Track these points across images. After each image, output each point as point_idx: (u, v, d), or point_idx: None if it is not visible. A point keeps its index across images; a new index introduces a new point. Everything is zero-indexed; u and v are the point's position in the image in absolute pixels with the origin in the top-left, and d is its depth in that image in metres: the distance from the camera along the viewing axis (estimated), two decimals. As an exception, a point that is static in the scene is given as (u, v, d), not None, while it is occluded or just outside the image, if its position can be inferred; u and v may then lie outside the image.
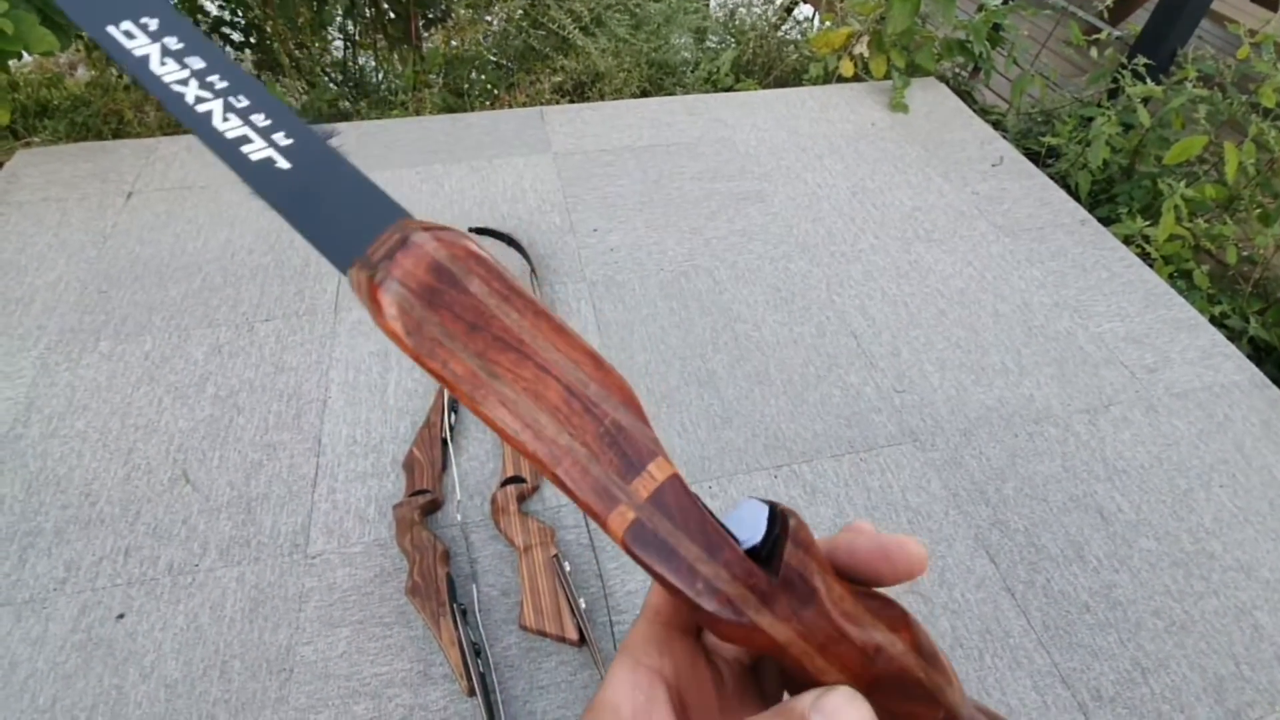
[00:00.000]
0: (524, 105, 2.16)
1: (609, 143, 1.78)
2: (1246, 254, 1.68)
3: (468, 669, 0.82)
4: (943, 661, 0.20)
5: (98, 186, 1.55)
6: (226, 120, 0.19)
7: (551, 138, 1.79)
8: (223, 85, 0.19)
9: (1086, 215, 1.66)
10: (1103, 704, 0.89)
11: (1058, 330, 1.37)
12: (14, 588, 0.92)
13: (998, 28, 2.01)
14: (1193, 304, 1.48)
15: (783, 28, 2.69)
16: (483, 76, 2.41)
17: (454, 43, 2.49)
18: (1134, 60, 1.93)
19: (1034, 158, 1.96)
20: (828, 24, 2.20)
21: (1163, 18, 1.99)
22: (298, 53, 2.42)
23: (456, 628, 0.86)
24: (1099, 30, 2.16)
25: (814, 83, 2.15)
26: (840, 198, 1.66)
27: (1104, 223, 1.68)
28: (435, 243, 0.17)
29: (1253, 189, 1.68)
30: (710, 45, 2.54)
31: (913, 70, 2.04)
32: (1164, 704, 0.89)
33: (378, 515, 1.01)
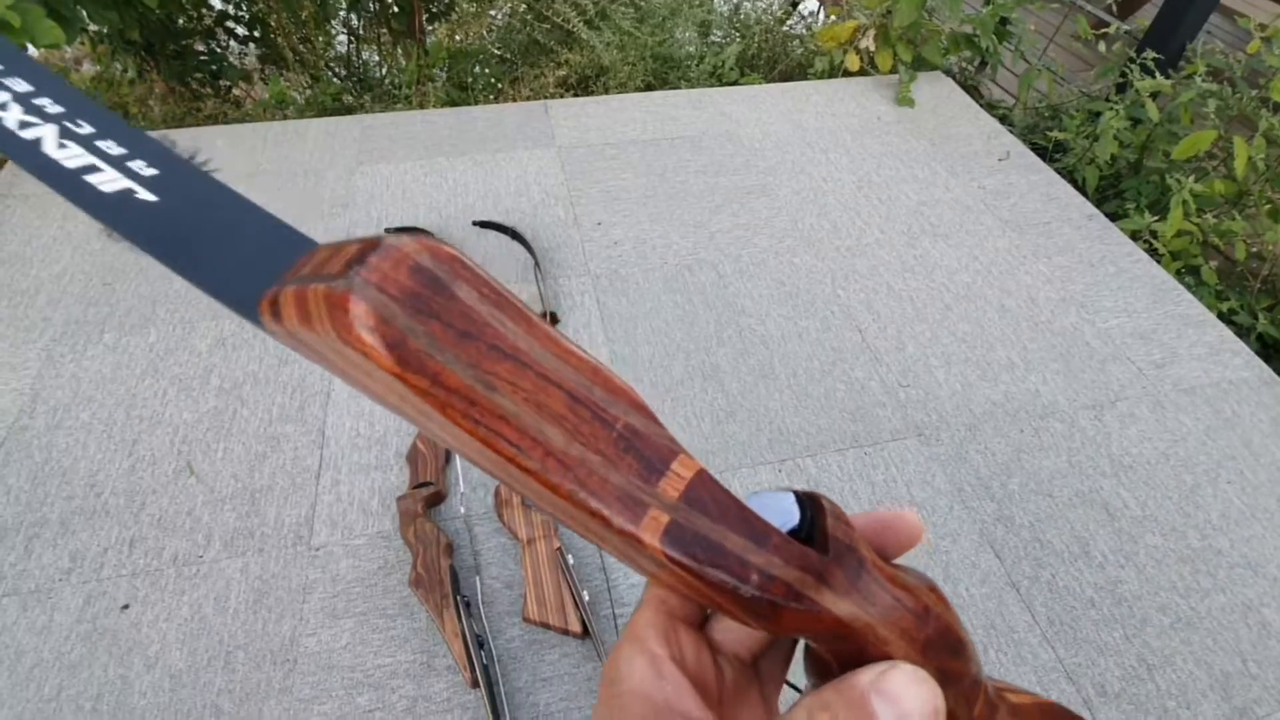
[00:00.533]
0: (528, 99, 2.15)
1: (613, 136, 1.78)
2: (1255, 250, 1.66)
3: (471, 661, 0.82)
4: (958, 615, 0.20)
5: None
6: (64, 148, 0.17)
7: (556, 131, 1.79)
8: (56, 110, 0.17)
9: (1094, 210, 1.64)
10: (1108, 700, 0.89)
11: (1064, 325, 1.36)
12: (20, 578, 0.92)
13: (1005, 22, 2.00)
14: (1201, 300, 1.47)
15: (788, 22, 2.68)
16: (487, 70, 2.41)
17: (458, 37, 2.49)
18: (1142, 54, 1.92)
19: (1041, 153, 1.95)
20: (833, 18, 2.18)
21: (1172, 11, 1.98)
22: (301, 47, 2.42)
23: (460, 620, 0.86)
24: (1107, 24, 2.14)
25: (819, 77, 2.14)
26: (845, 192, 1.65)
27: (1111, 218, 1.67)
28: (414, 244, 0.15)
29: (1262, 184, 1.66)
30: (715, 39, 2.53)
31: (919, 64, 2.03)
32: (1170, 700, 0.89)
33: (381, 507, 1.01)
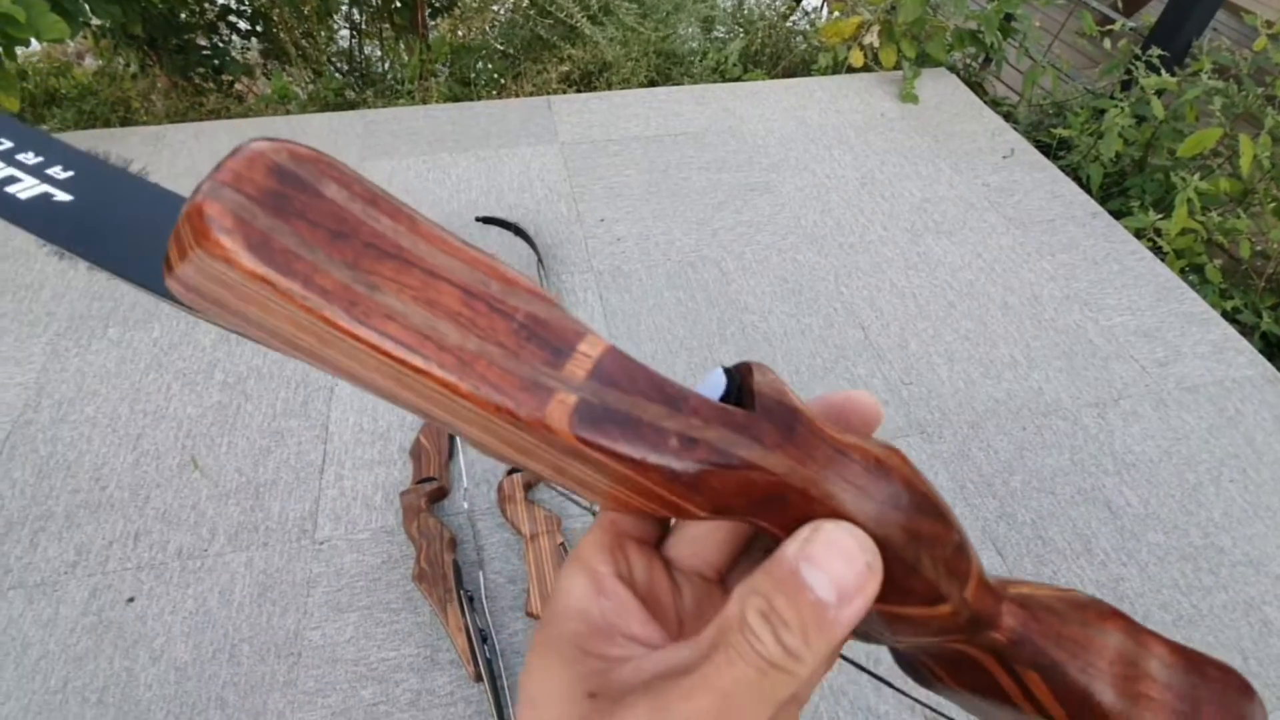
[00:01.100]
0: (531, 95, 2.15)
1: (616, 132, 1.77)
2: (1260, 248, 1.66)
3: (474, 655, 0.83)
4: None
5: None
6: None
7: (559, 127, 1.78)
8: None
9: (1098, 208, 1.64)
10: (1109, 697, 0.89)
11: (1068, 323, 1.36)
12: (25, 570, 0.93)
13: (1010, 18, 1.99)
14: (1205, 298, 1.47)
15: (791, 18, 2.67)
16: (489, 66, 2.41)
17: (460, 32, 2.48)
18: (1148, 52, 1.91)
19: (1045, 150, 1.95)
20: (836, 14, 2.18)
21: (1178, 9, 1.97)
22: (304, 42, 2.41)
23: (463, 614, 0.86)
24: (1112, 21, 2.13)
25: (823, 73, 2.13)
26: (849, 189, 1.65)
27: (1116, 216, 1.67)
28: (270, 144, 0.14)
29: (1267, 183, 1.66)
30: (718, 35, 2.52)
31: (923, 60, 2.02)
32: (1171, 697, 0.89)
33: (385, 502, 1.01)
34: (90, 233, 0.16)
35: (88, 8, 1.64)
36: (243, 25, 2.46)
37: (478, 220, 1.49)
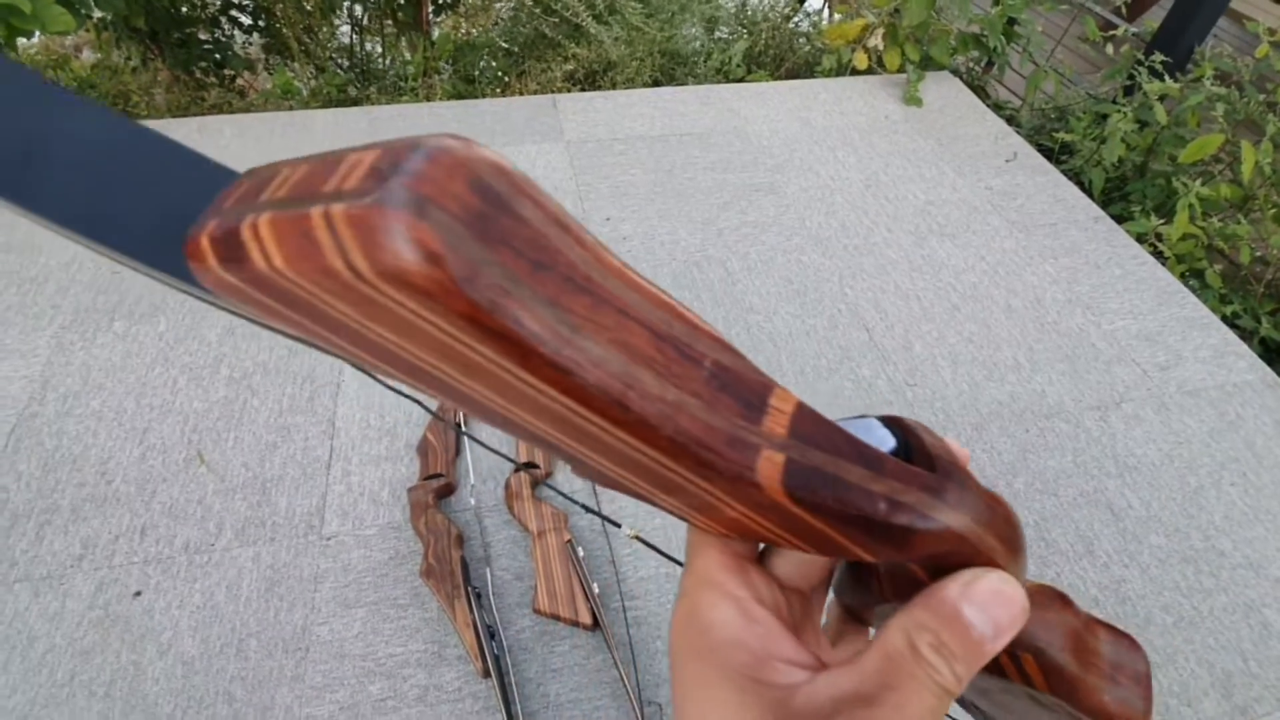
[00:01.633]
0: (535, 93, 2.15)
1: (621, 131, 1.78)
2: (1260, 254, 1.67)
3: (482, 651, 0.83)
4: None
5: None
6: None
7: (564, 126, 1.78)
8: None
9: (1100, 212, 1.65)
10: (1111, 697, 0.90)
11: (1070, 326, 1.37)
12: (32, 564, 0.93)
13: (1013, 22, 2.00)
14: (1205, 303, 1.48)
15: (794, 19, 2.68)
16: (493, 64, 2.40)
17: (464, 29, 2.48)
18: (1150, 57, 1.92)
19: (1047, 154, 1.96)
20: (839, 16, 2.18)
21: (1180, 14, 1.98)
22: (306, 37, 2.41)
23: (471, 610, 0.86)
24: (1115, 26, 2.14)
25: (827, 75, 2.14)
26: (853, 190, 1.65)
27: (1117, 220, 1.68)
28: (466, 148, 0.12)
29: (1268, 189, 1.67)
30: (721, 36, 2.53)
31: (927, 64, 2.03)
32: (1171, 698, 0.90)
33: (392, 498, 1.01)
34: (74, 200, 0.14)
35: (91, 1, 1.64)
36: (245, 20, 2.46)
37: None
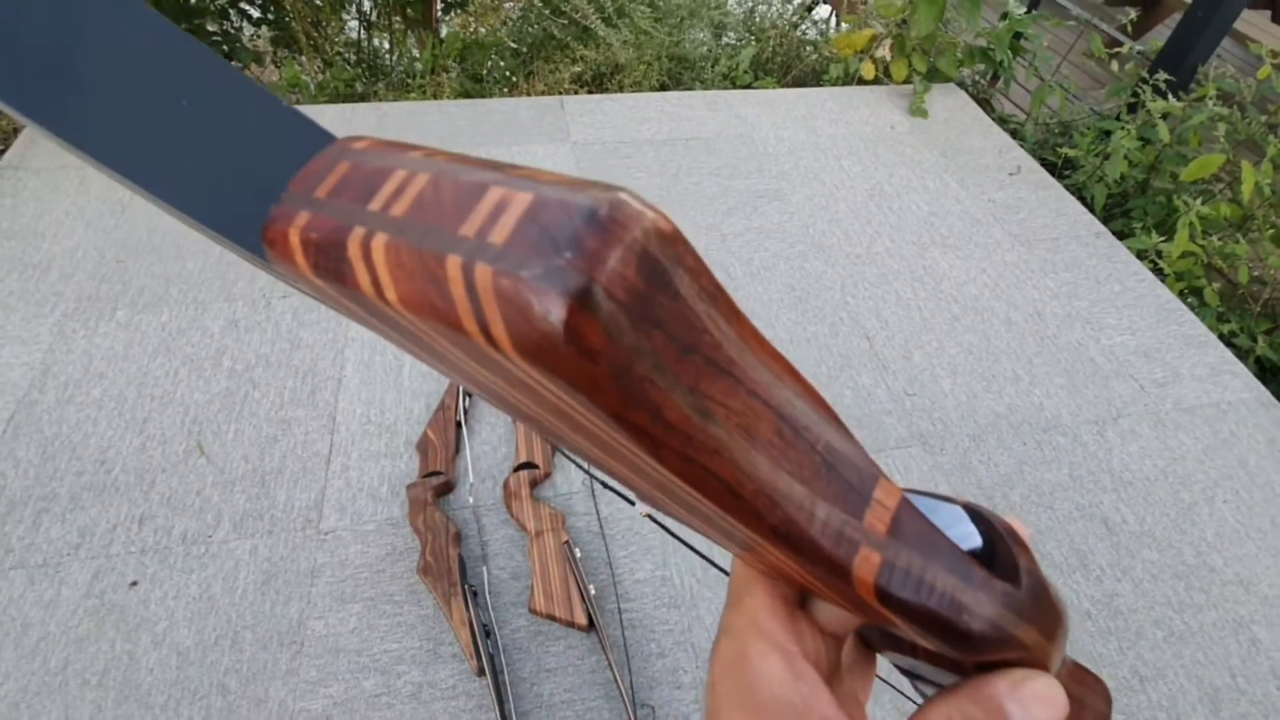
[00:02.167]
0: (542, 94, 2.16)
1: (628, 135, 1.78)
2: (1257, 274, 1.68)
3: (477, 649, 0.83)
4: None
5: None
6: None
7: (571, 127, 1.79)
8: None
9: (1101, 228, 1.66)
10: (1101, 710, 0.90)
11: (1069, 341, 1.37)
12: (28, 551, 0.93)
13: (1020, 37, 2.01)
14: (1203, 321, 1.49)
15: (801, 26, 2.69)
16: (501, 63, 2.41)
17: (473, 28, 2.49)
18: (1154, 76, 1.93)
19: (1051, 168, 1.97)
20: (846, 25, 2.19)
21: (1185, 34, 1.99)
22: (315, 32, 2.41)
23: (467, 608, 0.86)
24: (1120, 44, 2.16)
25: (834, 83, 2.15)
26: (857, 199, 1.66)
27: (1118, 236, 1.69)
28: (638, 213, 0.11)
29: (1267, 210, 1.68)
30: (729, 41, 2.54)
31: (933, 75, 2.04)
32: (1160, 713, 0.91)
33: (390, 494, 1.02)
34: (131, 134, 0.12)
35: (102, -11, 1.64)
36: (254, 12, 2.46)
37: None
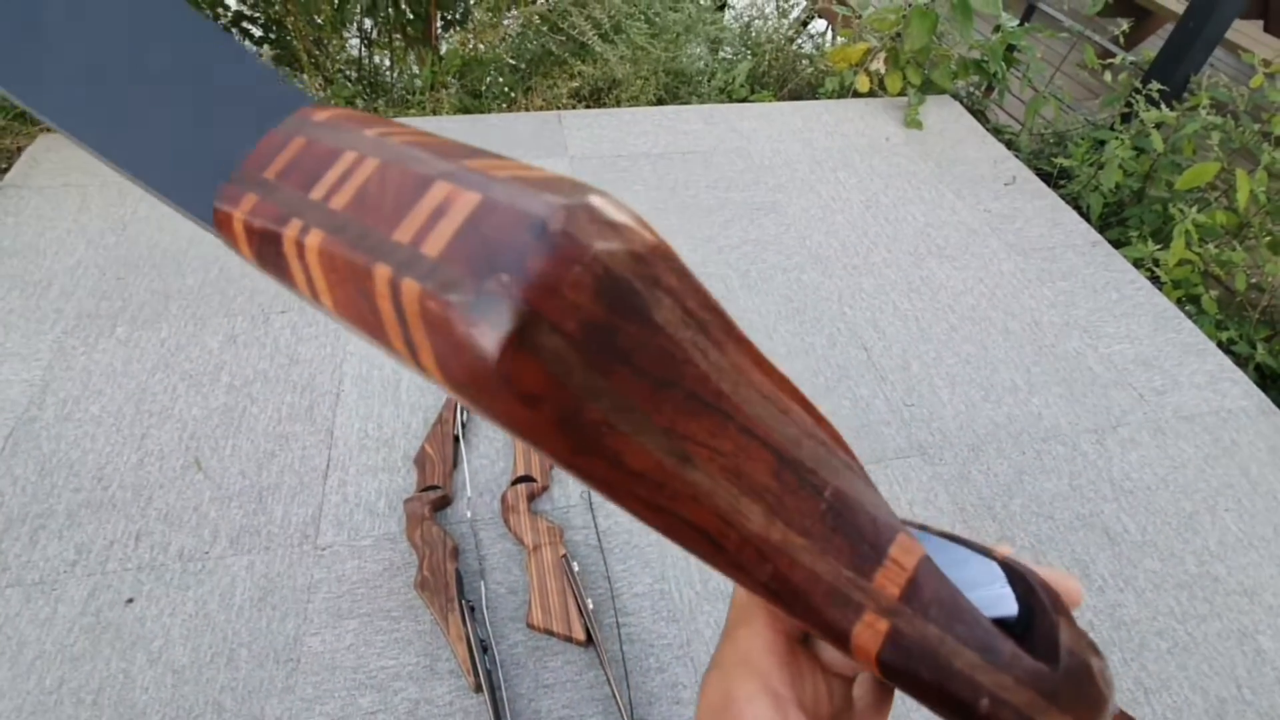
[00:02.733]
0: (540, 109, 2.18)
1: (625, 149, 1.80)
2: (1255, 281, 1.68)
3: (475, 665, 0.83)
4: None
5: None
6: None
7: (569, 142, 1.80)
8: None
9: (1098, 237, 1.67)
10: (1106, 723, 0.89)
11: (1067, 350, 1.37)
12: (24, 568, 0.92)
13: (1013, 48, 2.03)
14: (1201, 329, 1.49)
15: (797, 41, 2.72)
16: (500, 79, 2.43)
17: (471, 45, 2.52)
18: (1148, 85, 1.95)
19: (1046, 178, 1.98)
20: (842, 39, 2.22)
21: (1177, 44, 2.01)
22: (316, 49, 2.44)
23: (464, 623, 0.86)
24: (1113, 55, 2.17)
25: (829, 96, 2.16)
26: (853, 211, 1.67)
27: (1114, 245, 1.69)
28: (602, 227, 0.09)
29: (1263, 217, 1.69)
30: (725, 56, 2.56)
31: (928, 88, 2.06)
32: (1166, 725, 0.89)
33: (388, 509, 1.01)
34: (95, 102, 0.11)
35: (106, 10, 1.66)
36: (256, 31, 2.49)
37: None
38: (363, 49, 2.65)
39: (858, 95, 2.10)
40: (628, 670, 0.87)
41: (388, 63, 2.67)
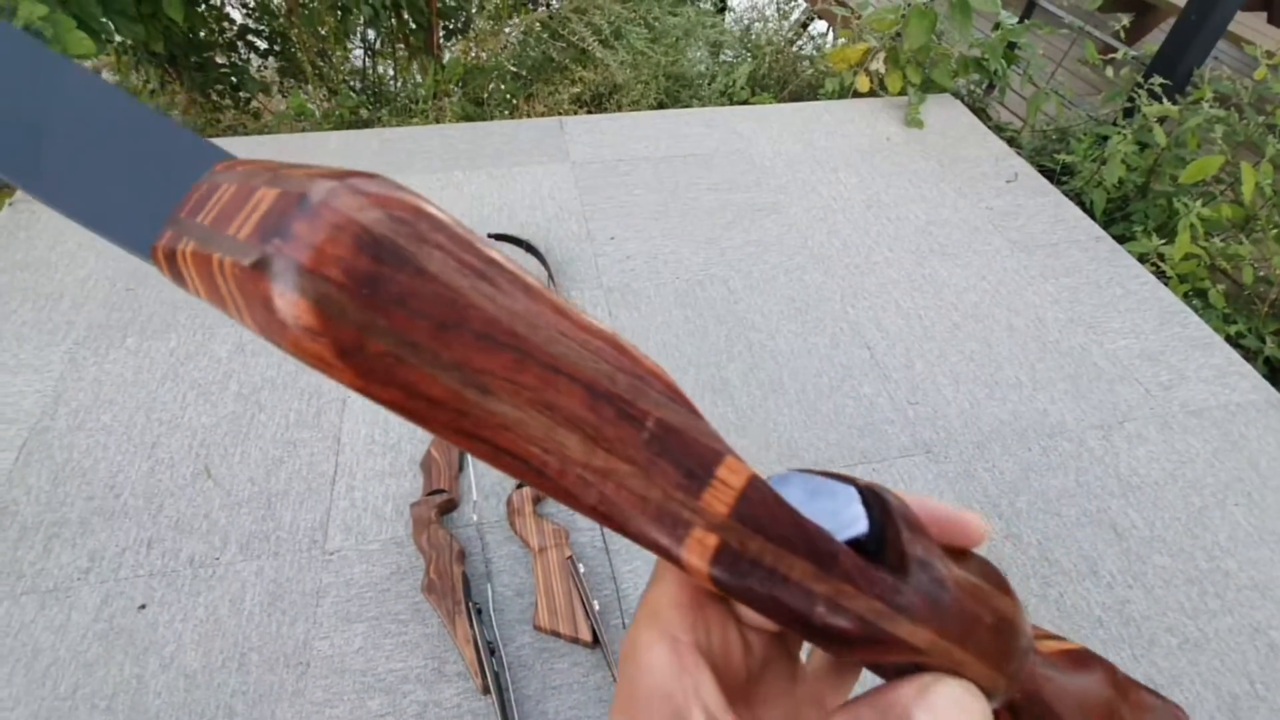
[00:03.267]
0: (542, 115, 2.19)
1: (627, 153, 1.81)
2: (1262, 274, 1.67)
3: (482, 667, 0.83)
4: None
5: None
6: None
7: (570, 147, 1.82)
8: None
9: (1101, 232, 1.66)
10: (1116, 720, 0.89)
11: (1072, 346, 1.37)
12: (39, 576, 0.94)
13: (1013, 46, 2.03)
14: (1208, 323, 1.48)
15: (797, 42, 2.72)
16: (502, 87, 2.45)
17: (474, 53, 2.54)
18: (1150, 80, 1.94)
19: (1048, 175, 1.97)
20: (843, 40, 2.22)
21: (1179, 38, 2.00)
22: (320, 61, 2.47)
23: (471, 626, 0.87)
24: (1115, 50, 2.17)
25: (830, 97, 2.17)
26: (855, 211, 1.67)
27: (1119, 240, 1.69)
28: (359, 199, 0.12)
29: (1269, 209, 1.68)
30: (726, 59, 2.57)
31: (928, 86, 2.06)
32: (1178, 722, 0.89)
33: (395, 513, 1.02)
34: (53, 164, 0.13)
35: (112, 26, 1.69)
36: (261, 44, 2.52)
37: (490, 237, 1.51)
38: (366, 59, 2.68)
39: (858, 95, 2.11)
40: (634, 671, 0.87)
41: (391, 72, 2.70)
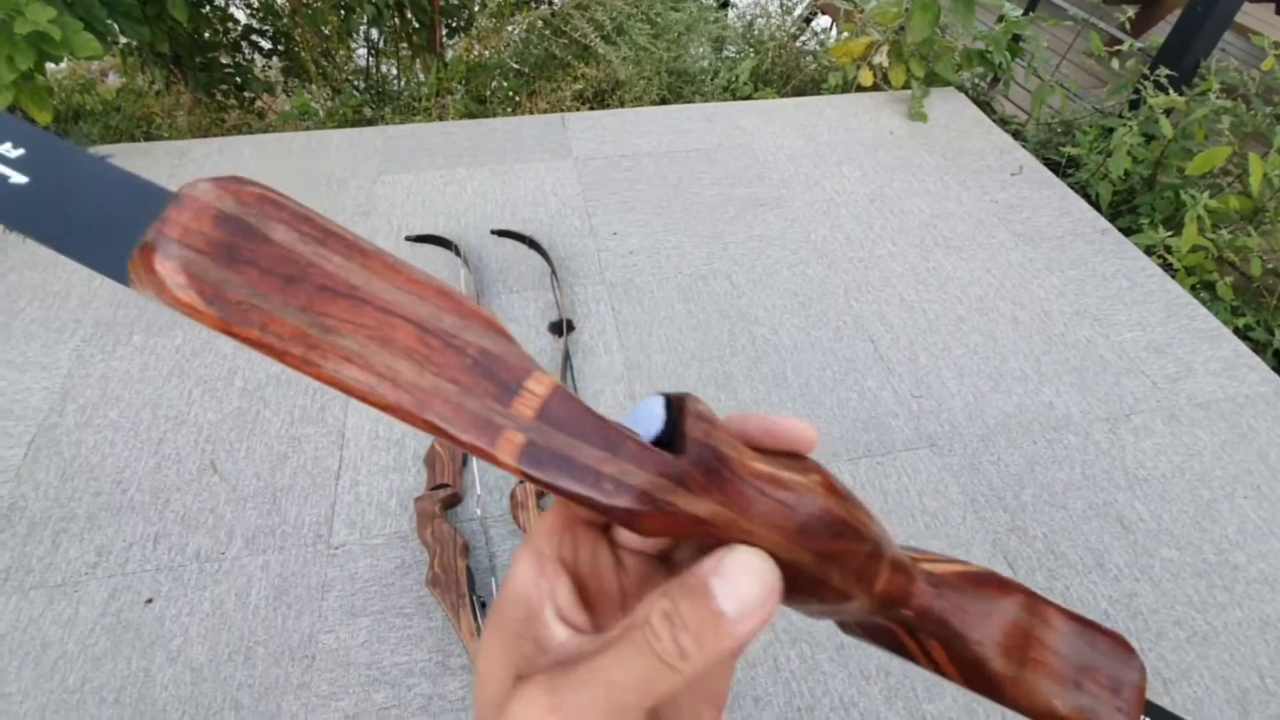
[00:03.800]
0: (545, 112, 2.19)
1: (629, 148, 1.81)
2: (1271, 266, 1.66)
3: (486, 660, 0.83)
4: (859, 500, 0.20)
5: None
6: None
7: (572, 143, 1.82)
8: None
9: (1107, 225, 1.65)
10: (1123, 713, 0.88)
11: (1078, 338, 1.36)
12: (47, 571, 0.94)
13: (1017, 38, 2.02)
14: (1216, 315, 1.47)
15: (801, 38, 2.72)
16: (504, 84, 2.45)
17: (476, 51, 2.54)
18: (1156, 72, 1.93)
19: (1054, 167, 1.96)
20: (846, 34, 2.21)
21: (1186, 29, 1.99)
22: (323, 61, 2.47)
23: (476, 620, 0.87)
24: (1120, 42, 2.15)
25: (833, 91, 2.16)
26: (858, 205, 1.66)
27: (1125, 233, 1.67)
28: (215, 190, 0.15)
29: (1277, 201, 1.66)
30: (729, 55, 2.57)
31: (932, 80, 2.05)
32: (1187, 715, 0.88)
33: (399, 508, 1.02)
34: (48, 217, 0.16)
35: (118, 28, 1.70)
36: (265, 44, 2.53)
37: (493, 233, 1.52)
38: (370, 58, 2.69)
39: (861, 89, 2.10)
40: (638, 664, 0.87)
41: (394, 71, 2.71)
